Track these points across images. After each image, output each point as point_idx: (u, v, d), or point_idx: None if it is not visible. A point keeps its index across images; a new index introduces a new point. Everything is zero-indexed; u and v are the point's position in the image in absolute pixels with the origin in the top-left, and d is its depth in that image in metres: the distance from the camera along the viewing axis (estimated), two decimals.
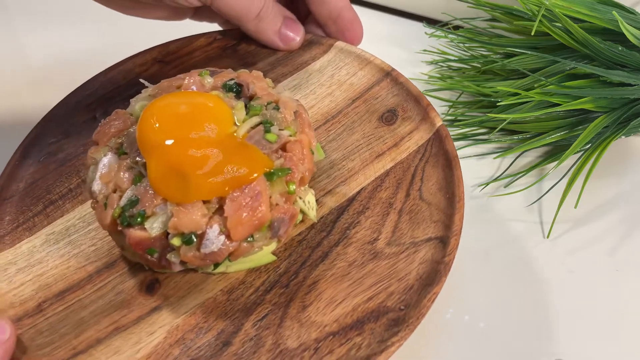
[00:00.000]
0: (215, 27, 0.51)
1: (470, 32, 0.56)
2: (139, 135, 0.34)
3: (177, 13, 0.47)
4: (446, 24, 0.59)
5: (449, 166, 0.39)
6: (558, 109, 0.46)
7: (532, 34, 0.47)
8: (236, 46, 0.48)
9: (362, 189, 0.39)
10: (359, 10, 0.47)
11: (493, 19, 0.55)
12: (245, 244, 0.33)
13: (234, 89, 0.37)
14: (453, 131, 0.52)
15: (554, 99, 0.46)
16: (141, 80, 0.39)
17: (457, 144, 0.51)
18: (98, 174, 0.34)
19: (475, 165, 0.50)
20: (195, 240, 0.32)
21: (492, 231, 0.45)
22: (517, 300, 0.42)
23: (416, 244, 0.36)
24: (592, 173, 0.45)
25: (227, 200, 0.32)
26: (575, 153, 0.46)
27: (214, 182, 0.32)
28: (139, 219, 0.32)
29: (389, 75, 0.44)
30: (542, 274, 0.43)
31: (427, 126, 0.41)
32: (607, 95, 0.46)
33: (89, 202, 0.40)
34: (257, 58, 0.47)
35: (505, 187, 0.48)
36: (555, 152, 0.50)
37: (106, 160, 0.35)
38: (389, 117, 0.42)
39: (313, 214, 0.37)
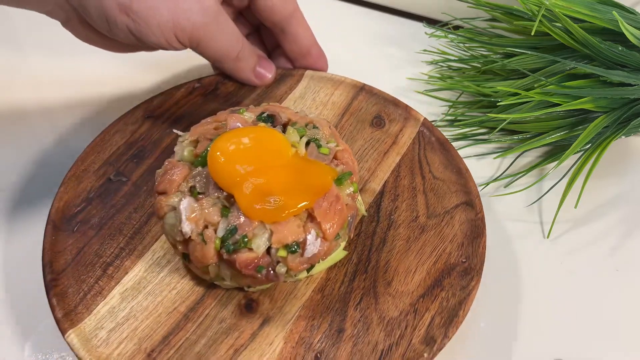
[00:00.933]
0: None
1: (470, 32, 0.56)
2: (217, 174, 0.37)
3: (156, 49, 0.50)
4: (446, 24, 0.59)
5: (445, 148, 0.47)
6: (558, 109, 0.46)
7: (532, 34, 0.47)
8: (216, 91, 0.53)
9: (385, 181, 0.46)
10: (359, 10, 0.48)
11: (493, 19, 0.55)
12: (334, 242, 0.38)
13: (269, 120, 0.42)
14: (453, 131, 0.53)
15: (554, 99, 0.46)
16: (175, 131, 0.43)
17: (457, 144, 0.52)
18: (184, 217, 0.37)
19: (475, 165, 0.50)
20: (298, 248, 0.36)
21: (492, 231, 0.45)
22: (517, 300, 0.42)
23: (449, 211, 0.44)
24: (592, 173, 0.45)
25: (315, 208, 0.37)
26: (575, 153, 0.46)
27: (303, 197, 0.37)
28: (245, 241, 0.36)
29: (362, 89, 0.52)
30: (542, 274, 0.44)
31: (413, 122, 0.49)
32: (607, 95, 0.46)
33: (148, 253, 0.42)
34: (240, 97, 0.52)
35: (505, 187, 0.49)
36: (555, 152, 0.50)
37: (185, 203, 0.38)
38: (378, 122, 0.50)
39: (363, 208, 0.44)
